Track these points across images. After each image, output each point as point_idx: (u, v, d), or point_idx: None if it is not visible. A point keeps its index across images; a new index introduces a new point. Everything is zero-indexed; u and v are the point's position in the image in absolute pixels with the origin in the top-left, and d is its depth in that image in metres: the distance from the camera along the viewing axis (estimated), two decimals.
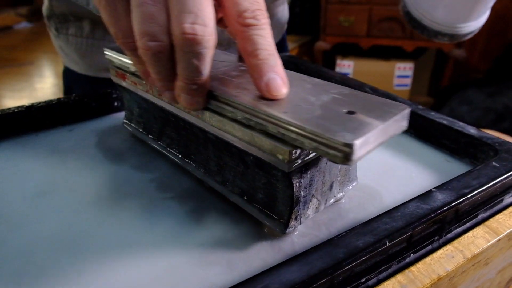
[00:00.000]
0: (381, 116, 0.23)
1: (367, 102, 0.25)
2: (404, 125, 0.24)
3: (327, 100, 0.25)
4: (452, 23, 0.58)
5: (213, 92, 0.27)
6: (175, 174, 0.36)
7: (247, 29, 0.25)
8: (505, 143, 0.35)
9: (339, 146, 0.21)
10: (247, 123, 0.26)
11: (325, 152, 0.22)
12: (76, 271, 0.26)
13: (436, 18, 0.58)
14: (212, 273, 0.26)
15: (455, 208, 0.28)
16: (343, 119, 0.23)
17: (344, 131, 0.21)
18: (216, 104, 0.27)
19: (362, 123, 0.22)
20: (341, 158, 0.21)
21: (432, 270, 0.26)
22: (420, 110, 0.41)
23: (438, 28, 0.59)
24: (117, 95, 0.47)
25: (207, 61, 0.25)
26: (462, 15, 0.57)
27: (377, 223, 0.26)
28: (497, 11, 2.04)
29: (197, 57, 0.24)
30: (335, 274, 0.23)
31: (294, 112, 0.24)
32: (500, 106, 1.80)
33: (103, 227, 0.30)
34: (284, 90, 0.26)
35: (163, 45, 0.24)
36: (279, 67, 0.26)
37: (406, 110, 0.24)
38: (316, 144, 0.22)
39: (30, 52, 3.21)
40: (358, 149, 0.21)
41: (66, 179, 0.36)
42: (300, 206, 0.27)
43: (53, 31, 0.61)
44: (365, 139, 0.21)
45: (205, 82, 0.26)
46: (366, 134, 0.21)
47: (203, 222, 0.30)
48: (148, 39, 0.24)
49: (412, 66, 2.12)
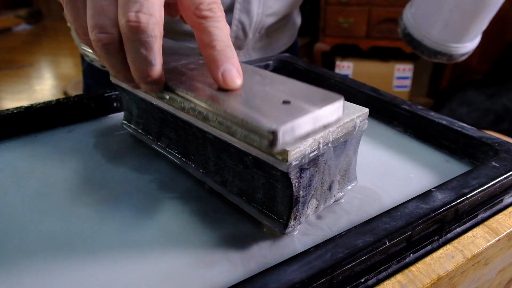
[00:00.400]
0: (313, 105, 0.23)
1: (306, 93, 0.25)
2: (338, 115, 0.24)
3: (269, 91, 0.26)
4: (451, 43, 0.62)
5: (167, 83, 0.28)
6: (175, 174, 0.36)
7: (203, 21, 0.26)
8: (505, 143, 0.35)
9: (265, 133, 0.21)
10: (192, 112, 0.27)
11: (253, 140, 0.22)
12: (76, 272, 0.26)
13: (436, 39, 0.62)
14: (212, 274, 0.26)
15: (455, 208, 0.28)
16: (277, 107, 0.23)
17: (271, 119, 0.22)
18: (169, 95, 0.28)
19: (293, 111, 0.23)
20: (266, 145, 0.21)
21: (432, 270, 0.26)
22: (419, 110, 0.41)
23: (438, 48, 0.62)
24: (116, 95, 0.47)
25: (154, 50, 0.25)
26: (461, 35, 0.61)
27: (377, 222, 0.26)
28: (497, 13, 2.04)
29: (144, 45, 0.25)
30: (335, 273, 0.23)
31: (233, 101, 0.25)
32: (499, 107, 1.81)
33: (103, 228, 0.30)
34: (238, 81, 0.26)
35: (111, 37, 0.25)
36: (235, 59, 0.26)
37: (340, 99, 0.24)
38: (246, 132, 0.22)
39: (29, 54, 3.22)
40: (282, 136, 0.21)
41: (65, 180, 0.36)
42: (300, 206, 0.27)
43: None
44: (290, 126, 0.21)
45: (158, 72, 0.26)
46: (292, 120, 0.21)
47: (203, 223, 0.30)
48: (97, 31, 0.25)
49: (411, 67, 2.12)
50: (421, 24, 0.62)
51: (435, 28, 0.61)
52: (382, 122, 0.45)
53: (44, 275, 0.26)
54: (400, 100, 0.44)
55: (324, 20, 2.12)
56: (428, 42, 0.62)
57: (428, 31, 0.61)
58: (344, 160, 0.30)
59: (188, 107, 0.27)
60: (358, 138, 0.30)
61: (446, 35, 0.61)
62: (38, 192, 0.34)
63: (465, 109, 1.86)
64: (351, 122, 0.28)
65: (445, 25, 0.60)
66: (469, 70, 2.16)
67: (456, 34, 0.61)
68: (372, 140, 0.42)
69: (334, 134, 0.27)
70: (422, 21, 0.62)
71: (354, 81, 0.48)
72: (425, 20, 0.62)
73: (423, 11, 0.62)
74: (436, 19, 0.60)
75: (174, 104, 0.28)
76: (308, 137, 0.23)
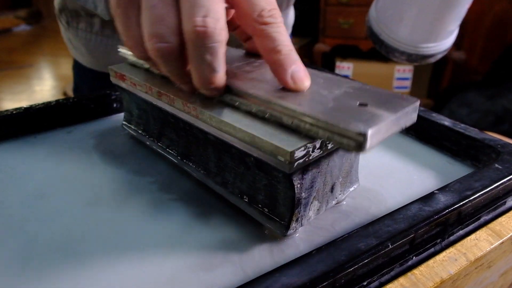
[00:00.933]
0: (392, 108, 0.24)
1: (377, 95, 0.26)
2: (414, 117, 0.26)
3: (339, 94, 0.26)
4: (411, 42, 0.56)
5: (229, 86, 0.28)
6: (176, 176, 0.36)
7: (266, 27, 0.26)
8: (507, 145, 0.35)
9: (353, 136, 0.22)
10: (261, 115, 0.27)
11: (339, 142, 0.23)
12: (75, 273, 0.26)
13: (394, 34, 0.56)
14: (213, 277, 0.26)
15: (458, 210, 0.28)
16: (356, 110, 0.24)
17: (357, 121, 0.22)
18: (232, 98, 0.28)
19: (374, 114, 0.23)
20: (355, 147, 0.22)
21: (435, 273, 0.26)
22: (421, 112, 0.41)
23: (395, 45, 0.57)
24: (116, 96, 0.46)
25: (220, 56, 0.25)
26: (422, 35, 0.55)
27: (379, 225, 0.26)
28: (496, 13, 2.04)
29: (209, 51, 0.24)
30: (337, 277, 0.23)
31: (308, 104, 0.25)
32: (499, 109, 1.81)
33: (103, 230, 0.30)
34: (307, 82, 0.27)
35: (171, 46, 0.25)
36: (300, 61, 0.27)
37: (416, 102, 0.25)
38: (330, 133, 0.23)
39: (29, 54, 3.22)
40: (370, 138, 0.22)
41: (65, 181, 0.35)
42: (301, 208, 0.27)
43: (63, 23, 0.61)
44: (377, 129, 0.22)
45: (222, 79, 0.27)
46: (378, 124, 0.22)
47: (204, 225, 0.30)
48: (156, 41, 0.25)
49: (411, 68, 2.12)
50: (382, 17, 0.57)
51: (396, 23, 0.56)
52: None
53: (43, 277, 0.26)
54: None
55: (324, 21, 2.12)
56: (386, 37, 0.57)
57: (388, 24, 0.57)
58: (346, 162, 0.30)
59: (256, 111, 0.27)
60: None
61: (407, 33, 0.56)
62: (37, 193, 0.34)
63: (465, 110, 1.86)
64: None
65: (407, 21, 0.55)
66: (469, 71, 2.16)
67: (417, 32, 0.55)
68: None
69: None
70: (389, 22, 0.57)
71: None
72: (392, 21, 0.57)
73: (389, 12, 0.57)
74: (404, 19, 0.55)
75: (239, 107, 0.28)
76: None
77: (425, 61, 0.58)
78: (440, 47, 0.56)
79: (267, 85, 0.28)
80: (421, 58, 0.57)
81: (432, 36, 0.55)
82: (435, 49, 0.56)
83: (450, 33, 0.56)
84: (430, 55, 0.57)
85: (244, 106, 0.28)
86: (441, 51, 0.57)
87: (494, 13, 2.05)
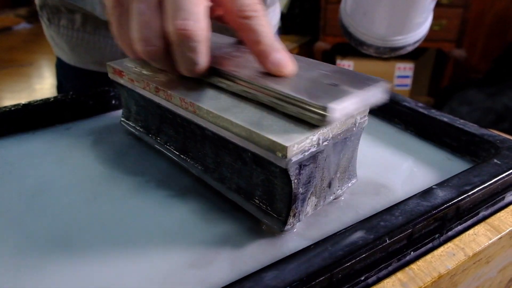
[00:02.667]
0: (359, 87, 0.27)
1: (351, 77, 0.28)
2: (383, 97, 0.28)
3: (315, 75, 0.29)
4: (377, 35, 0.55)
5: (214, 67, 0.30)
6: (174, 172, 0.36)
7: (248, 21, 0.28)
8: (507, 140, 0.35)
9: (317, 109, 0.24)
10: (244, 95, 0.29)
11: (306, 116, 0.25)
12: (72, 270, 0.26)
13: (361, 28, 0.56)
14: (210, 272, 0.26)
15: (456, 205, 0.28)
16: (325, 89, 0.26)
17: (322, 97, 0.25)
18: (217, 79, 0.30)
19: (341, 92, 0.26)
20: (319, 119, 0.25)
21: (433, 267, 0.26)
22: (421, 108, 0.41)
23: (363, 38, 0.56)
24: (114, 93, 0.46)
25: (201, 52, 0.27)
26: (388, 28, 0.54)
27: (377, 220, 0.26)
28: (497, 12, 2.04)
29: (191, 50, 0.27)
30: (334, 271, 0.23)
31: (283, 83, 0.27)
32: (500, 107, 1.80)
33: (100, 226, 0.30)
34: (291, 67, 0.28)
35: (157, 49, 0.27)
36: (283, 50, 0.28)
37: (385, 83, 0.28)
38: (298, 108, 0.25)
39: (29, 53, 3.21)
40: (333, 112, 0.24)
41: (63, 177, 0.35)
42: (299, 203, 0.27)
43: (45, 20, 0.61)
44: (339, 104, 0.25)
45: (204, 68, 0.29)
46: (341, 99, 0.25)
47: (201, 221, 0.30)
48: (144, 45, 0.27)
49: (412, 66, 2.11)
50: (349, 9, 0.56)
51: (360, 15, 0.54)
52: (383, 120, 0.45)
53: (41, 273, 0.26)
54: (401, 97, 0.43)
55: (324, 19, 2.11)
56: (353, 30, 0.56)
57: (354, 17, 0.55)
58: (344, 157, 0.30)
59: (237, 90, 0.29)
60: (358, 135, 0.30)
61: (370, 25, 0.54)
62: (35, 190, 0.34)
63: (465, 108, 1.85)
64: (351, 118, 0.28)
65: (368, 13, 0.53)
66: (469, 69, 2.16)
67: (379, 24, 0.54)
68: (373, 138, 0.41)
69: (334, 130, 0.27)
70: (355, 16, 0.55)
71: None
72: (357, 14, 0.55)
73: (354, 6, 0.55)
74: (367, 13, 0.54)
75: (224, 88, 0.30)
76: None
77: (394, 53, 0.57)
78: (409, 39, 0.55)
79: (251, 68, 0.30)
80: (389, 50, 0.56)
81: (397, 29, 0.54)
82: (403, 42, 0.55)
83: (418, 25, 0.54)
84: (398, 48, 0.56)
85: (228, 87, 0.30)
86: (410, 43, 0.56)
87: (495, 11, 2.04)
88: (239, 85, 0.29)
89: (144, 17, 0.26)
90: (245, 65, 0.31)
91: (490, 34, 2.08)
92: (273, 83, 0.27)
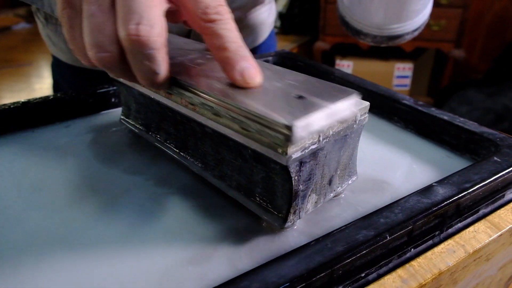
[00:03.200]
0: (329, 99, 0.24)
1: (320, 88, 0.26)
2: (353, 110, 0.26)
3: (281, 86, 0.26)
4: (373, 23, 0.53)
5: (177, 79, 0.28)
6: (174, 169, 0.36)
7: (211, 24, 0.26)
8: (506, 138, 0.35)
9: (280, 128, 0.22)
10: (202, 107, 0.27)
11: (268, 134, 0.23)
12: (72, 267, 0.26)
13: (356, 16, 0.54)
14: (211, 269, 0.26)
15: (456, 202, 0.28)
16: (291, 103, 0.24)
17: (286, 113, 0.22)
18: (177, 90, 0.28)
19: (308, 105, 0.23)
20: (282, 139, 0.22)
21: (433, 264, 0.26)
22: (420, 106, 0.41)
23: (359, 27, 0.55)
24: (114, 91, 0.46)
25: (158, 60, 0.25)
26: (383, 16, 0.52)
27: (378, 217, 0.26)
28: (496, 11, 2.04)
29: (146, 58, 0.24)
30: (335, 268, 0.23)
31: (245, 96, 0.25)
32: (499, 107, 1.80)
33: (100, 223, 0.30)
34: (258, 78, 0.26)
35: (111, 55, 0.25)
36: (250, 58, 0.26)
37: (354, 94, 0.25)
38: (260, 126, 0.23)
39: (28, 53, 3.21)
40: (298, 130, 0.22)
41: (63, 175, 0.35)
42: (299, 200, 0.27)
43: (41, 19, 0.60)
44: (306, 121, 0.22)
45: (164, 78, 0.26)
46: (307, 115, 0.22)
47: (202, 218, 0.30)
48: (96, 51, 0.24)
49: (411, 66, 2.12)
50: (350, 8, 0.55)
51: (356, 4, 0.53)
52: (383, 118, 0.45)
53: (40, 271, 0.26)
54: (400, 95, 0.43)
55: (324, 19, 2.11)
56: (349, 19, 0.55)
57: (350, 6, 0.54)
58: (344, 154, 0.30)
59: (198, 102, 0.27)
60: (358, 132, 0.30)
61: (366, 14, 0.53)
62: (35, 188, 0.34)
63: (465, 108, 1.85)
64: (352, 115, 0.28)
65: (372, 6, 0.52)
66: (469, 69, 2.16)
67: (375, 13, 0.52)
68: (373, 136, 0.41)
69: (334, 127, 0.27)
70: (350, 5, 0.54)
71: (354, 77, 0.48)
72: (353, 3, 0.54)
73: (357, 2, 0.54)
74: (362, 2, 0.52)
75: (182, 99, 0.28)
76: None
77: (392, 42, 0.55)
78: (407, 27, 0.53)
79: (213, 79, 0.28)
80: (387, 39, 0.54)
81: (394, 16, 0.52)
82: (401, 30, 0.53)
83: (416, 12, 0.52)
84: (396, 36, 0.54)
85: (188, 99, 0.28)
86: (408, 31, 0.54)
87: (494, 11, 2.04)
88: (200, 98, 0.27)
89: (96, 19, 0.24)
90: (208, 75, 0.28)
91: (489, 34, 2.08)
92: (235, 95, 0.25)
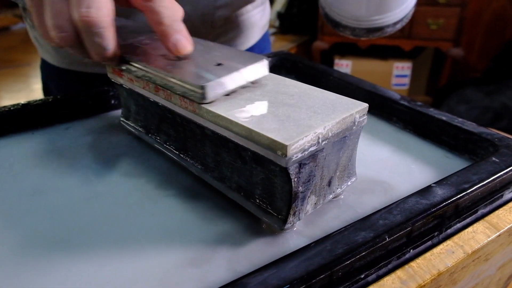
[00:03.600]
0: (242, 64, 0.30)
1: (238, 57, 0.32)
2: (263, 71, 0.31)
3: (208, 57, 0.32)
4: (351, 15, 0.51)
5: (124, 56, 0.34)
6: (174, 171, 0.36)
7: (151, 3, 0.30)
8: (505, 138, 0.35)
9: (197, 88, 0.28)
10: (145, 79, 0.33)
11: (190, 95, 0.28)
12: (71, 269, 0.26)
13: (335, 8, 0.53)
14: (210, 270, 0.26)
15: (455, 203, 0.28)
16: (210, 69, 0.30)
17: (202, 77, 0.28)
18: (127, 67, 0.34)
19: (224, 69, 0.29)
20: (199, 97, 0.28)
21: (432, 265, 0.26)
22: (419, 107, 0.41)
23: (338, 19, 0.53)
24: (113, 93, 0.46)
25: (107, 37, 0.29)
26: (361, 8, 0.50)
27: (376, 218, 0.26)
28: (495, 10, 2.04)
29: (97, 36, 0.29)
30: (334, 269, 0.23)
31: (175, 66, 0.31)
32: (498, 105, 1.80)
33: (100, 225, 0.30)
34: (189, 47, 0.31)
35: (70, 34, 0.30)
36: (184, 31, 0.31)
37: (266, 60, 0.31)
38: (183, 88, 0.29)
39: (27, 53, 3.20)
40: (210, 89, 0.28)
41: (62, 177, 0.35)
42: (299, 202, 0.27)
43: (29, 21, 0.60)
44: (217, 82, 0.28)
45: (112, 53, 0.31)
46: (218, 78, 0.28)
47: (201, 220, 0.30)
48: (57, 32, 0.29)
49: (410, 65, 2.12)
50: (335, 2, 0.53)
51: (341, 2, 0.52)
52: (382, 118, 0.45)
53: (40, 272, 0.26)
54: (399, 96, 0.43)
55: (322, 19, 2.11)
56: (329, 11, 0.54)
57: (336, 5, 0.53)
58: (343, 156, 0.30)
59: (141, 75, 0.33)
60: (357, 134, 0.30)
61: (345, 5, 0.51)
62: (34, 189, 0.34)
63: (464, 107, 1.86)
64: (350, 117, 0.28)
65: None
66: (467, 68, 2.16)
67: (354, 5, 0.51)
68: (371, 137, 0.41)
69: (333, 129, 0.27)
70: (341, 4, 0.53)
71: (353, 78, 0.48)
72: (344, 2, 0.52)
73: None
74: None
75: (130, 74, 0.34)
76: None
77: (372, 35, 0.53)
78: (387, 19, 0.51)
79: (155, 55, 0.33)
80: (366, 32, 0.52)
81: (372, 8, 0.50)
82: (381, 22, 0.51)
83: (397, 3, 0.50)
84: (375, 29, 0.52)
85: (133, 72, 0.33)
86: (388, 24, 0.51)
87: (493, 10, 2.05)
88: (141, 70, 0.32)
89: (55, 6, 0.29)
90: (151, 52, 0.34)
91: (487, 32, 2.08)
92: (168, 66, 0.31)
